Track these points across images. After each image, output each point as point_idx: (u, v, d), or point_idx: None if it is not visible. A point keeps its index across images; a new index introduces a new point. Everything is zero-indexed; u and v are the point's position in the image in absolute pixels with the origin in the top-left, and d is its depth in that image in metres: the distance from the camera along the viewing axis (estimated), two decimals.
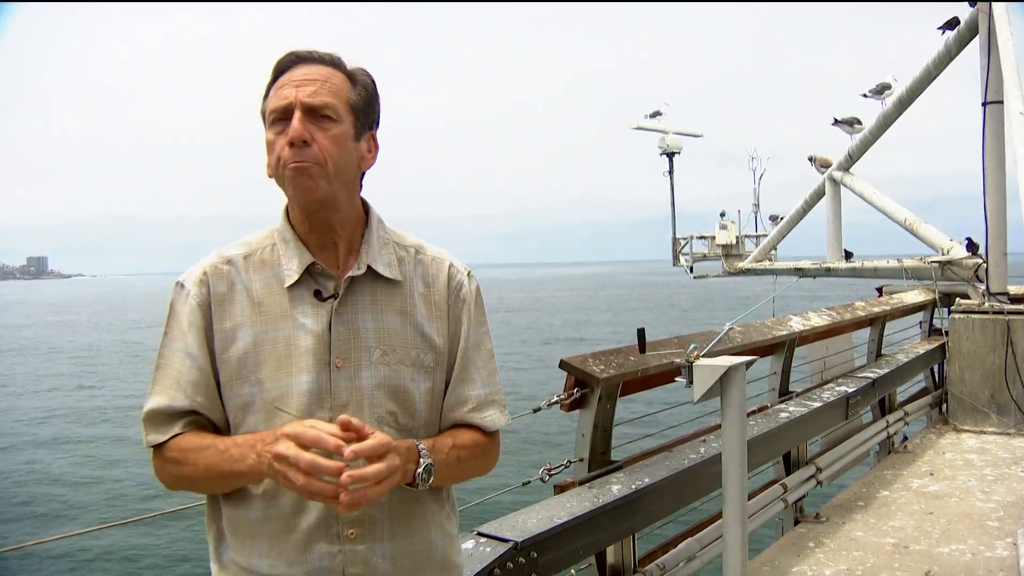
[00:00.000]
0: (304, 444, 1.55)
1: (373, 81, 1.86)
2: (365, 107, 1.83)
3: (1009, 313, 7.91)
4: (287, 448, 1.55)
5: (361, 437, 1.59)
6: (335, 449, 1.54)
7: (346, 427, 1.58)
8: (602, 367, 3.78)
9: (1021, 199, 7.03)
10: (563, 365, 3.80)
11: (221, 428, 1.81)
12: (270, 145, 1.76)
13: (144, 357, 36.97)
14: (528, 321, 53.78)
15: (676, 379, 3.31)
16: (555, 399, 3.75)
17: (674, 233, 17.73)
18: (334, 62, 1.80)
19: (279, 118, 1.74)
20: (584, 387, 3.79)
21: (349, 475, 1.52)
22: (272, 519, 1.76)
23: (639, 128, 17.50)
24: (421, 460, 1.72)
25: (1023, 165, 7.27)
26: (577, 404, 3.81)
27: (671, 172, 17.34)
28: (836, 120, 12.49)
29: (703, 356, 3.25)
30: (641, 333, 3.66)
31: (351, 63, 1.83)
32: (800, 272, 12.88)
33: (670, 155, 17.22)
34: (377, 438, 1.60)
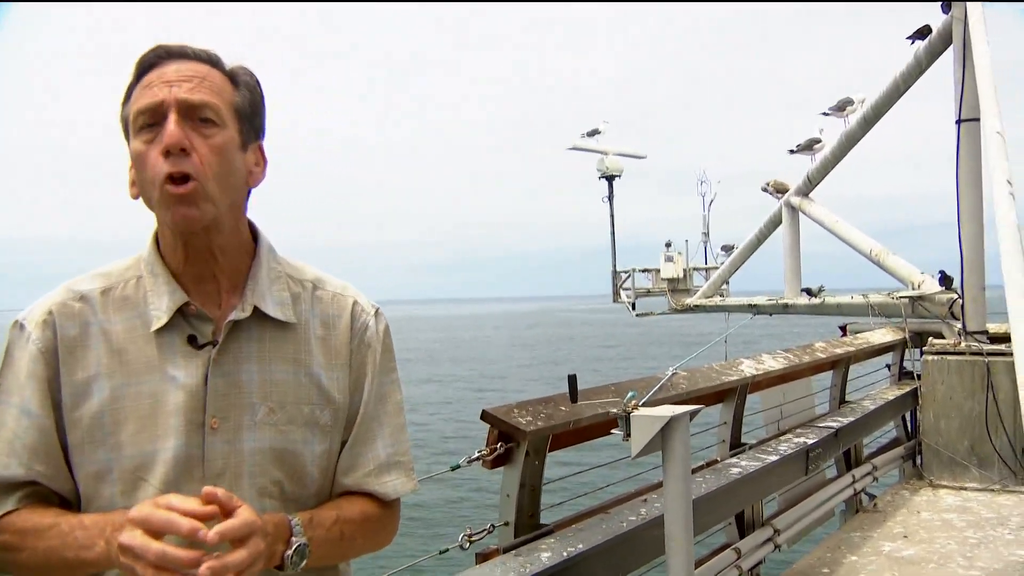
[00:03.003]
0: (154, 530, 1.41)
1: (258, 82, 1.78)
2: (251, 112, 1.75)
3: (989, 354, 7.95)
4: (132, 537, 1.41)
5: (227, 511, 1.46)
6: (189, 534, 1.39)
7: (210, 500, 1.45)
8: (529, 419, 3.76)
9: (999, 228, 6.97)
10: (485, 417, 3.77)
11: (70, 500, 1.68)
12: (139, 157, 1.64)
13: None
14: (446, 368, 53.62)
15: (612, 431, 3.30)
16: (476, 455, 3.73)
17: (614, 266, 17.87)
18: (211, 59, 1.71)
19: (148, 123, 1.63)
20: (509, 441, 3.76)
21: (208, 567, 1.38)
22: None
23: (575, 148, 17.65)
24: (292, 540, 1.62)
25: (1000, 190, 7.20)
26: (501, 460, 3.79)
27: (611, 197, 17.52)
28: (792, 150, 12.71)
29: (642, 405, 3.24)
30: (573, 380, 3.66)
31: (230, 61, 1.75)
32: (755, 309, 13.03)
33: (610, 179, 17.39)
34: (241, 516, 1.46)
